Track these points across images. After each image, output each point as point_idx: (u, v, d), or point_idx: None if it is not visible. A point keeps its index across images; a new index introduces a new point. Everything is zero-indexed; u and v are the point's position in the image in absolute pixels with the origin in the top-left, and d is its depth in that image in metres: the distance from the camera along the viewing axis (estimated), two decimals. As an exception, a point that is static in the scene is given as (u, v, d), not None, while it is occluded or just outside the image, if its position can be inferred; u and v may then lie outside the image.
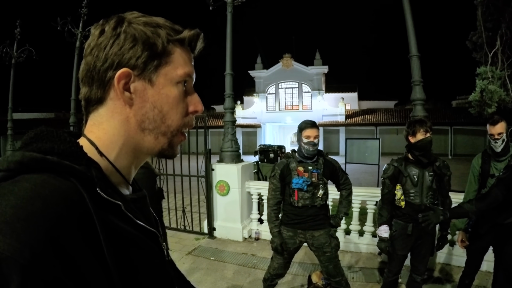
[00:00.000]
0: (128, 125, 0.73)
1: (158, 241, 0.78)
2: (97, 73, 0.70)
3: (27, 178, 0.54)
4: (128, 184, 0.79)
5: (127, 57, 0.70)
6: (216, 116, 38.26)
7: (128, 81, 0.71)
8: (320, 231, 3.45)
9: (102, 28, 0.72)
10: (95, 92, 0.72)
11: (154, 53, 0.72)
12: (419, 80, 5.16)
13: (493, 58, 15.91)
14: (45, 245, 0.47)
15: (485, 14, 15.90)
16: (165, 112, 0.75)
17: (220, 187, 6.53)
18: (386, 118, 35.27)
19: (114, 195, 0.65)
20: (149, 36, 0.71)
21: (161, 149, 0.78)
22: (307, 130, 3.35)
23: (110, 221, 0.61)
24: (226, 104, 6.68)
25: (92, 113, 0.74)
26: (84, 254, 0.53)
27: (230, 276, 4.81)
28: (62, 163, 0.58)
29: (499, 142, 3.34)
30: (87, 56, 0.72)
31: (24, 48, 10.53)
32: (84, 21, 9.43)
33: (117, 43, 0.70)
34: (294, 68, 38.21)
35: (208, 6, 6.84)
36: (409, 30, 5.23)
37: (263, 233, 6.41)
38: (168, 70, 0.74)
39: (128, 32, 0.70)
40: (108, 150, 0.72)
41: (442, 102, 40.54)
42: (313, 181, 3.39)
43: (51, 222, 0.50)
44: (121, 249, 0.62)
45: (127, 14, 0.74)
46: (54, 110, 43.10)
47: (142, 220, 0.71)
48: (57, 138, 0.64)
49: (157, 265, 0.75)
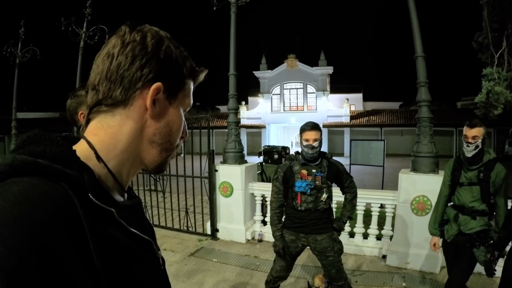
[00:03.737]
0: (140, 134, 0.75)
1: (152, 249, 0.77)
2: (130, 76, 0.71)
3: (17, 181, 0.53)
4: (123, 191, 0.78)
5: (163, 73, 0.73)
6: (220, 116, 38.35)
7: (157, 93, 0.73)
8: (323, 235, 3.40)
9: (143, 35, 0.73)
10: (119, 93, 0.71)
11: (180, 78, 0.78)
12: (425, 81, 5.11)
13: (499, 59, 15.80)
14: (31, 251, 0.46)
15: (491, 14, 15.80)
16: (174, 131, 0.80)
17: (223, 188, 6.50)
18: (391, 119, 35.24)
19: (106, 201, 0.64)
20: (181, 62, 0.78)
21: (160, 163, 0.81)
22: (305, 133, 3.31)
23: (101, 228, 0.60)
24: (229, 105, 6.65)
25: (102, 113, 0.73)
26: (72, 260, 0.51)
27: (232, 278, 4.78)
28: (53, 166, 0.57)
29: (471, 146, 3.19)
30: (120, 55, 0.71)
31: (28, 48, 10.54)
32: (88, 21, 9.43)
33: (157, 57, 0.73)
34: (299, 69, 38.26)
35: (212, 6, 6.81)
36: (414, 31, 5.19)
37: (266, 235, 6.37)
38: (183, 97, 0.81)
39: (167, 52, 0.75)
40: (109, 156, 0.71)
41: (447, 104, 40.59)
42: (317, 185, 3.34)
43: (39, 227, 0.48)
44: (113, 257, 0.60)
45: (162, 33, 0.77)
46: (58, 109, 43.31)
47: (136, 227, 0.69)
48: (49, 141, 0.63)
49: (151, 273, 0.74)
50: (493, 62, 15.87)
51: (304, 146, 3.33)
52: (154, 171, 0.83)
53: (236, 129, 6.73)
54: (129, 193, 0.83)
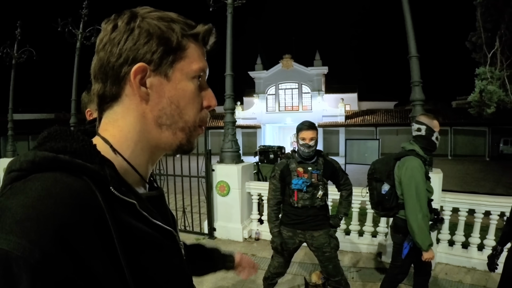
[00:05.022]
0: (144, 121, 0.72)
1: (175, 239, 0.77)
2: (111, 69, 0.69)
3: (39, 177, 0.54)
4: (145, 182, 0.78)
5: (142, 52, 0.69)
6: (216, 116, 38.22)
7: (144, 76, 0.70)
8: (319, 231, 3.46)
9: (114, 23, 0.70)
10: (109, 89, 0.71)
11: (169, 48, 0.71)
12: (419, 81, 5.18)
13: (492, 58, 15.89)
14: (55, 245, 0.47)
15: (484, 14, 15.89)
16: (182, 107, 0.74)
17: (220, 187, 6.53)
18: (386, 119, 35.34)
19: (128, 193, 0.65)
20: (163, 30, 0.71)
21: (180, 144, 0.77)
22: (302, 132, 3.36)
23: (124, 220, 0.61)
24: (226, 105, 6.68)
25: (106, 110, 0.73)
26: (96, 253, 0.53)
27: (230, 276, 4.81)
28: (74, 161, 0.58)
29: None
30: (100, 51, 0.71)
31: (24, 49, 10.47)
32: (85, 22, 9.39)
33: (132, 38, 0.69)
34: (294, 69, 38.26)
35: (208, 7, 6.83)
36: (408, 31, 5.25)
37: (263, 233, 6.43)
38: (183, 65, 0.73)
39: (142, 27, 0.69)
40: (123, 148, 0.71)
41: (442, 103, 40.68)
42: (313, 182, 3.40)
43: (62, 221, 0.49)
44: (136, 249, 0.62)
45: (139, 9, 0.73)
46: (54, 110, 43.15)
47: (158, 219, 0.70)
48: (70, 137, 0.63)
49: (174, 264, 0.75)
50: (486, 62, 15.95)
51: (300, 145, 3.38)
52: (178, 153, 0.81)
53: (232, 129, 6.76)
54: (151, 184, 0.83)
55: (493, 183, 16.52)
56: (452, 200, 5.10)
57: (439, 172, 5.11)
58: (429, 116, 3.27)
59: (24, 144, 13.02)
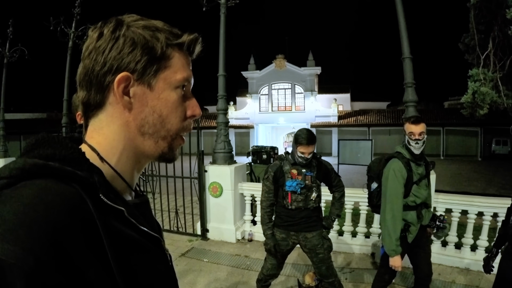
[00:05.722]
0: (128, 129, 0.72)
1: (161, 246, 0.78)
2: (96, 77, 0.69)
3: (29, 184, 0.54)
4: (131, 189, 0.78)
5: (126, 61, 0.69)
6: (209, 116, 38.18)
7: (127, 85, 0.70)
8: (312, 232, 3.45)
9: (100, 31, 0.70)
10: (93, 97, 0.71)
11: (154, 57, 0.71)
12: (412, 82, 5.19)
13: (485, 60, 15.97)
14: (49, 251, 0.47)
15: (477, 16, 15.96)
16: (165, 116, 0.74)
17: (213, 188, 6.51)
18: (379, 119, 35.49)
19: (116, 200, 0.65)
20: (148, 40, 0.71)
21: (162, 153, 0.77)
22: (302, 147, 3.32)
23: (113, 227, 0.61)
24: (219, 105, 6.66)
25: (92, 118, 0.73)
26: (88, 259, 0.53)
27: (223, 278, 4.81)
28: (64, 169, 0.58)
29: (420, 143, 3.16)
30: (85, 59, 0.71)
31: (16, 48, 10.42)
32: (77, 21, 9.37)
33: (116, 46, 0.69)
34: (287, 69, 38.28)
35: (201, 7, 6.82)
36: (402, 32, 5.27)
37: (256, 234, 6.42)
38: (167, 74, 0.73)
39: (127, 35, 0.69)
40: (109, 156, 0.72)
41: (434, 103, 41.03)
42: (307, 184, 3.39)
43: (54, 228, 0.50)
44: (125, 254, 0.62)
45: (125, 17, 0.73)
46: (46, 110, 42.84)
47: (145, 225, 0.70)
48: (58, 144, 0.64)
49: (161, 270, 0.75)
50: (479, 63, 16.03)
51: (299, 156, 3.36)
52: (161, 161, 0.81)
53: (225, 129, 6.75)
54: (136, 192, 0.83)
55: (485, 183, 16.67)
56: (444, 201, 5.11)
57: (432, 173, 5.12)
58: (407, 119, 3.40)
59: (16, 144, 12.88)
